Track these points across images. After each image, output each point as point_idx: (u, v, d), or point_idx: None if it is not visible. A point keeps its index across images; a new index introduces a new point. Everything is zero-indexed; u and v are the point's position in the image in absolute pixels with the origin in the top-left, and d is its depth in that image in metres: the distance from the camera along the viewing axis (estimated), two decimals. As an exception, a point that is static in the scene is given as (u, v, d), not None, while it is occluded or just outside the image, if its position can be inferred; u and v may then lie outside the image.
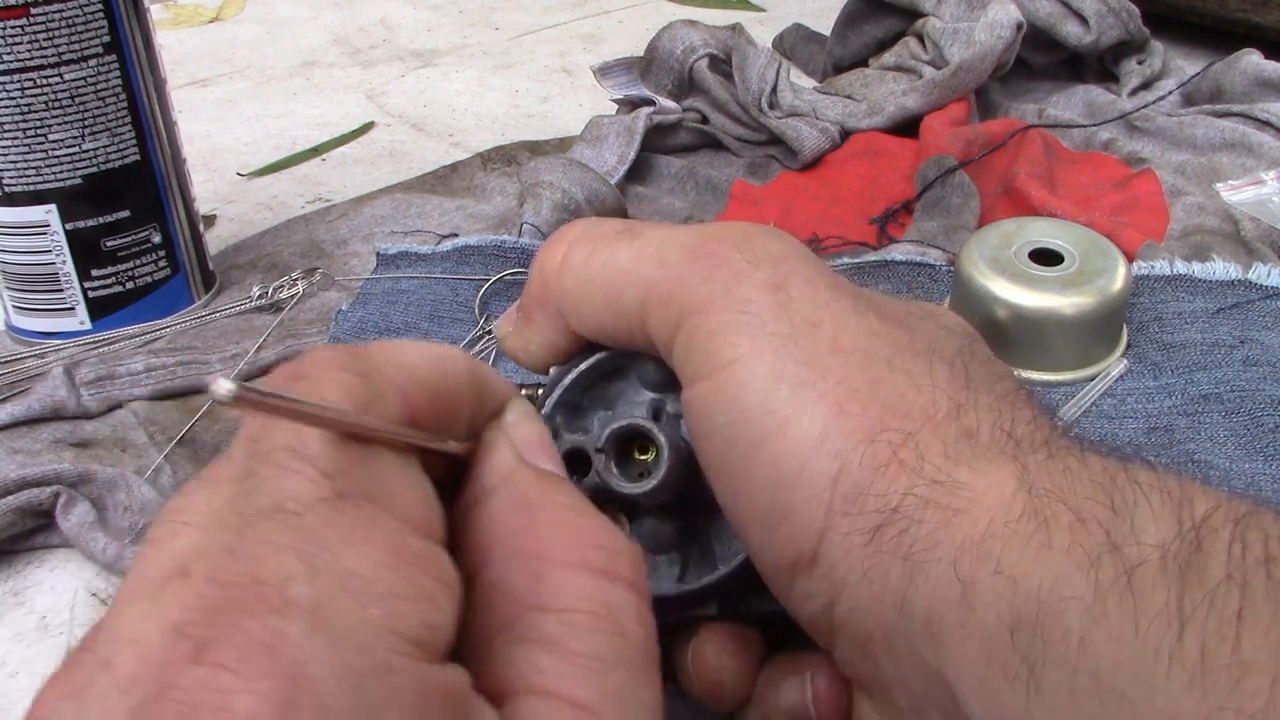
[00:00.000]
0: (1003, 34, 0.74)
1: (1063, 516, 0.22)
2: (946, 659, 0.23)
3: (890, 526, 0.24)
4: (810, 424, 0.25)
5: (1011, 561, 0.22)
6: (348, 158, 0.82)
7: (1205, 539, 0.20)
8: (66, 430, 0.50)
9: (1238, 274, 0.54)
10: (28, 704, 0.18)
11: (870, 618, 0.24)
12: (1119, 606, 0.20)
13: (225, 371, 0.53)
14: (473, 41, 1.06)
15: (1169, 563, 0.20)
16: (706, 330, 0.26)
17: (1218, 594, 0.19)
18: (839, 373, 0.25)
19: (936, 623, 0.23)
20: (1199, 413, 0.47)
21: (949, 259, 0.58)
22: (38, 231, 0.53)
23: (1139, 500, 0.22)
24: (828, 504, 0.24)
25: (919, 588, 0.23)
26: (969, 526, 0.23)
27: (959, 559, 0.23)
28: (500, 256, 0.59)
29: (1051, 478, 0.23)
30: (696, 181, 0.71)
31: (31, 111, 0.51)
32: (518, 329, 0.31)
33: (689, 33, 0.78)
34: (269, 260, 0.64)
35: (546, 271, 0.29)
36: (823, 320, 0.26)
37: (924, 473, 0.24)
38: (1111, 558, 0.21)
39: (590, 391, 0.31)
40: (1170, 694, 0.19)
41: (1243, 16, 0.88)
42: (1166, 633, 0.19)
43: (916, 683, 0.24)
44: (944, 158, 0.66)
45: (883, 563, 0.24)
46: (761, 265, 0.27)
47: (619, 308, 0.28)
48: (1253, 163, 0.67)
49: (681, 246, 0.27)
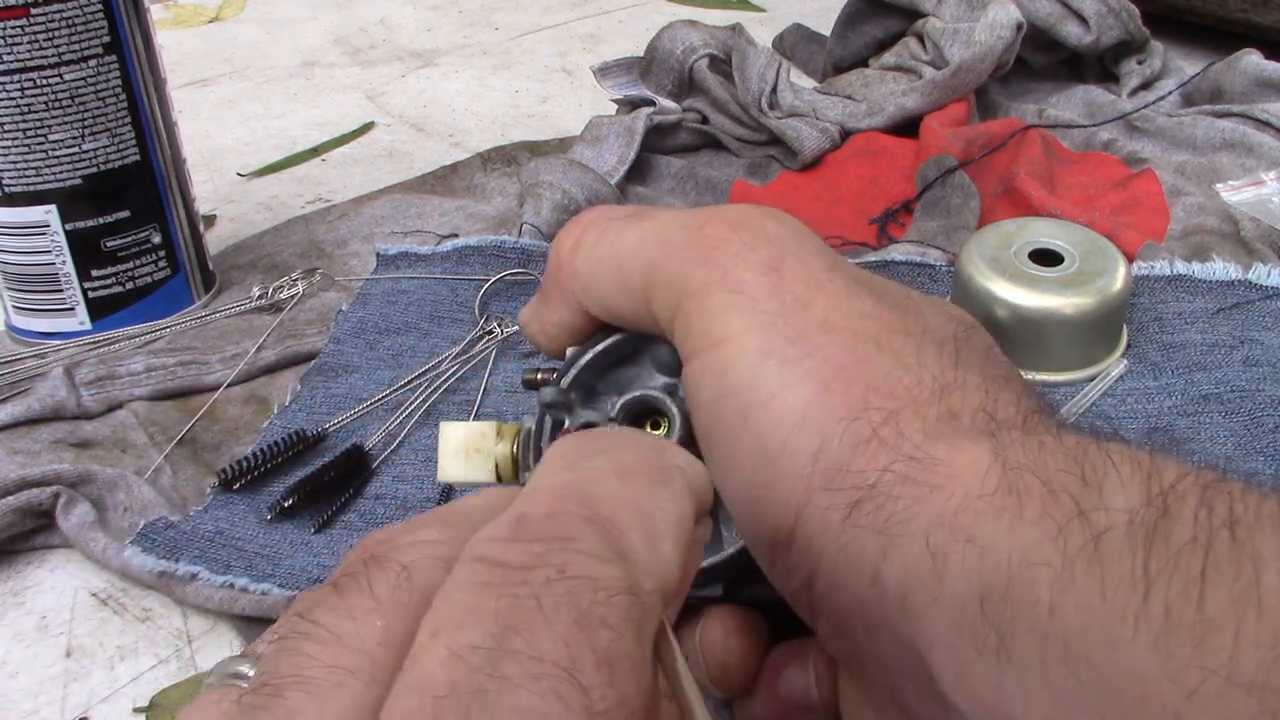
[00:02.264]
0: (1003, 34, 0.74)
1: (1034, 489, 0.22)
2: (919, 632, 0.23)
3: (867, 502, 0.24)
4: (794, 400, 0.25)
5: (983, 533, 0.22)
6: (348, 158, 0.82)
7: (1172, 505, 0.20)
8: (66, 430, 0.50)
9: (1238, 274, 0.54)
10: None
11: (846, 593, 0.25)
12: (1086, 572, 0.20)
13: (225, 372, 0.53)
14: (473, 41, 1.06)
15: (1136, 529, 0.20)
16: (701, 310, 0.27)
17: (1182, 556, 0.19)
18: (826, 350, 0.26)
19: (910, 596, 0.23)
20: (1199, 413, 0.47)
21: (949, 259, 0.58)
22: (38, 231, 0.53)
23: (1109, 471, 0.22)
24: (807, 479, 0.25)
25: (893, 561, 0.23)
26: (943, 501, 0.23)
27: (932, 532, 0.23)
28: (500, 257, 0.59)
29: (1026, 453, 0.23)
30: (696, 182, 0.71)
31: (31, 111, 0.51)
32: (536, 311, 0.32)
33: (689, 33, 0.78)
34: (269, 260, 0.64)
35: (562, 253, 0.31)
36: (814, 300, 0.27)
37: (902, 450, 0.24)
38: (1080, 525, 0.21)
39: (605, 376, 0.32)
40: (1135, 656, 0.19)
41: (1243, 16, 0.88)
42: (1132, 596, 0.19)
43: (891, 658, 0.24)
44: (944, 158, 0.66)
45: (859, 537, 0.24)
46: (758, 247, 0.27)
47: (627, 289, 0.29)
48: (1253, 163, 0.67)
49: (684, 229, 0.28)
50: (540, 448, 0.31)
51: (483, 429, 0.33)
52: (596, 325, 0.31)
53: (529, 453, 0.32)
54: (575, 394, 0.31)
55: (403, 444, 0.48)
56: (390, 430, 0.48)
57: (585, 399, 0.31)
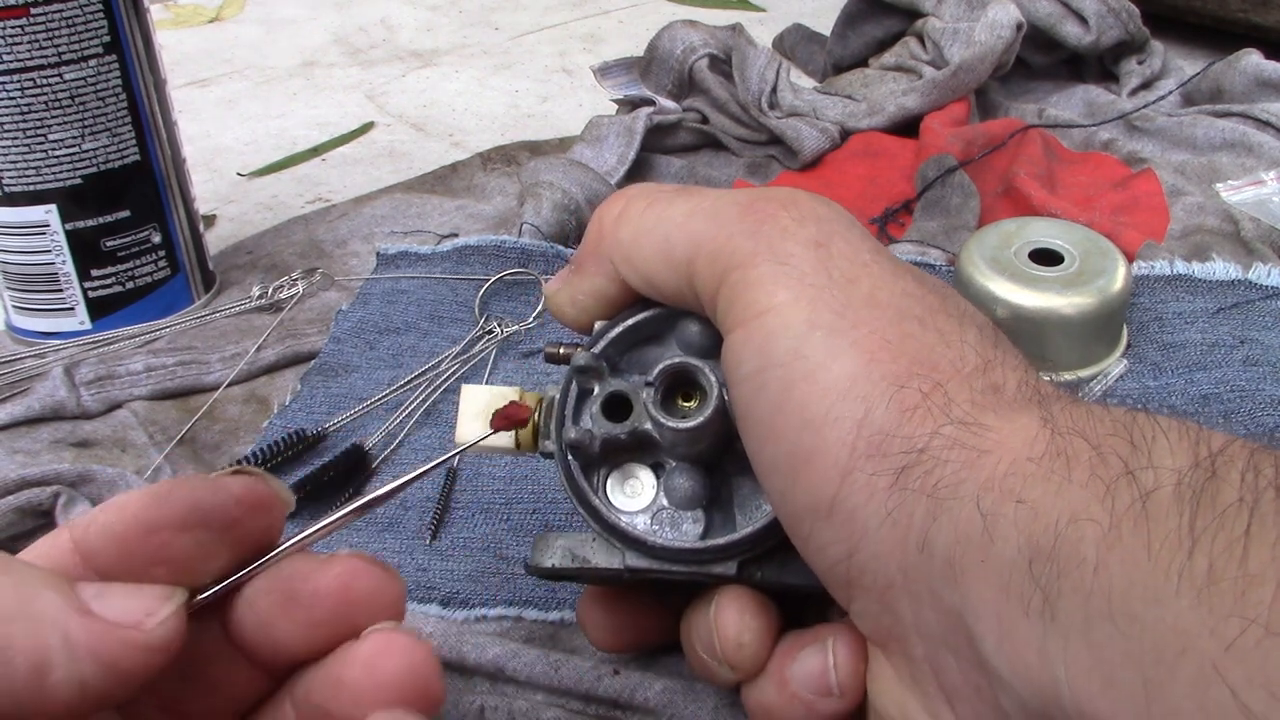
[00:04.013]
0: (1003, 34, 0.74)
1: (1083, 452, 0.22)
2: (966, 596, 0.23)
3: (917, 467, 0.24)
4: (840, 369, 0.26)
5: (1033, 495, 0.22)
6: (348, 158, 0.82)
7: (1220, 467, 0.21)
8: (66, 430, 0.50)
9: (1238, 274, 0.54)
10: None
11: (891, 562, 0.25)
12: (1133, 531, 0.20)
13: (225, 371, 0.53)
14: (473, 41, 1.06)
15: (1183, 489, 0.20)
16: (747, 281, 0.27)
17: (1227, 515, 0.20)
18: (872, 324, 0.26)
19: (958, 560, 0.23)
20: (1199, 413, 0.47)
21: (949, 259, 0.58)
22: (38, 231, 0.53)
23: (1157, 435, 0.22)
24: (850, 447, 0.25)
25: (942, 526, 0.24)
26: (993, 464, 0.23)
27: (982, 495, 0.23)
28: (500, 256, 0.59)
29: (1074, 419, 0.23)
30: (696, 181, 0.71)
31: (31, 111, 0.51)
32: (567, 282, 0.32)
33: (689, 33, 0.78)
34: (269, 260, 0.64)
35: (605, 221, 0.31)
36: (860, 277, 0.27)
37: (952, 414, 0.24)
38: (1128, 485, 0.21)
39: (629, 354, 0.32)
40: (1179, 610, 0.19)
41: (1243, 16, 0.88)
42: (1177, 553, 0.20)
43: (934, 627, 0.24)
44: (944, 158, 0.66)
45: (907, 502, 0.24)
46: (806, 223, 0.28)
47: (669, 259, 0.29)
48: (1253, 163, 0.67)
49: (734, 204, 0.29)
50: (564, 415, 0.31)
51: (506, 393, 0.33)
52: (628, 299, 0.31)
53: (551, 421, 0.32)
54: (604, 363, 0.31)
55: (402, 444, 0.48)
56: (390, 430, 0.48)
57: (610, 374, 0.31)
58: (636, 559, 0.30)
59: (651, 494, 0.31)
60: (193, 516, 0.24)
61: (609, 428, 0.30)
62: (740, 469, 0.31)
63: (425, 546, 0.42)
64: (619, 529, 0.30)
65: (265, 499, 0.25)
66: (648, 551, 0.30)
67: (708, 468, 0.31)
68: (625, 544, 0.30)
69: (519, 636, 0.38)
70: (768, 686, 0.29)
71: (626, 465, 0.31)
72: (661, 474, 0.31)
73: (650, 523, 0.31)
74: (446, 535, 0.43)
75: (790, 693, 0.29)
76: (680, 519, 0.30)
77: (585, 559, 0.31)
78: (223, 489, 0.24)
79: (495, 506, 0.44)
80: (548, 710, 0.34)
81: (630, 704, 0.34)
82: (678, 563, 0.30)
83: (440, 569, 0.41)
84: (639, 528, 0.30)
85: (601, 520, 0.31)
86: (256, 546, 0.25)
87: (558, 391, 0.32)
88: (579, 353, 0.31)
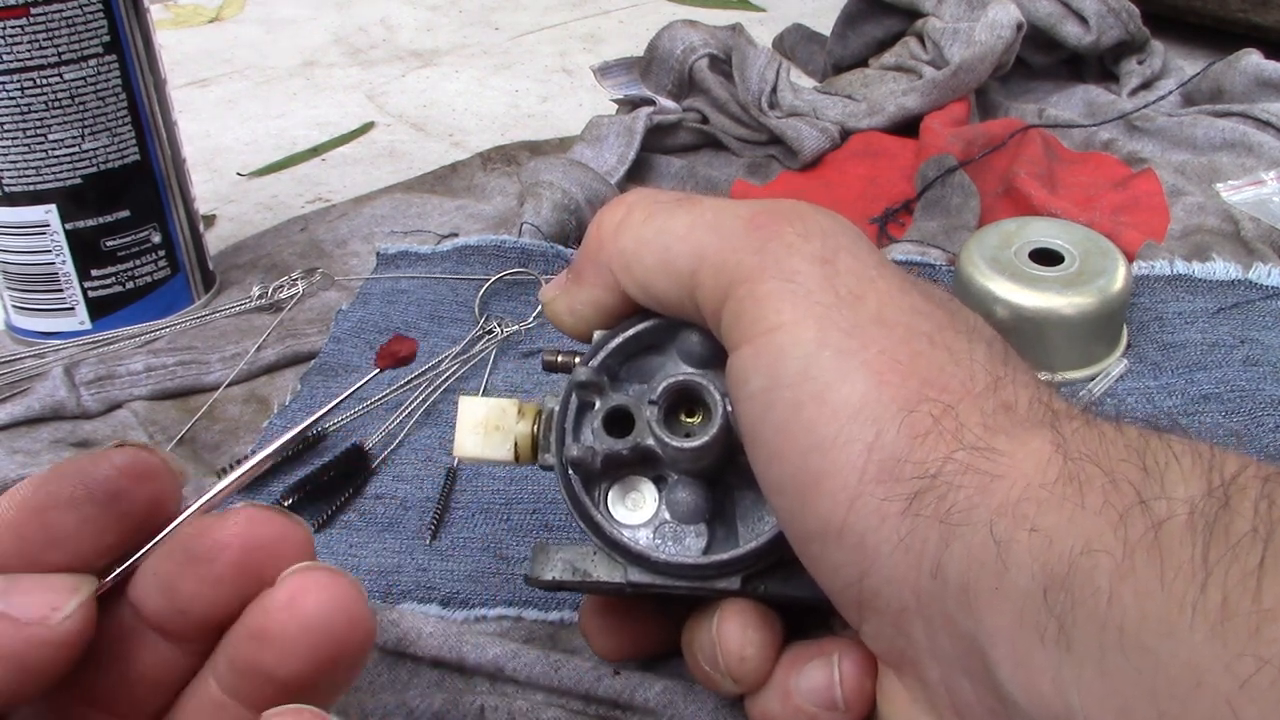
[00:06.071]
0: (1003, 34, 0.74)
1: (1096, 479, 0.22)
2: (980, 623, 0.23)
3: (929, 493, 0.24)
4: (850, 391, 0.25)
5: (1046, 523, 0.22)
6: (348, 158, 0.82)
7: (1233, 497, 0.20)
8: (66, 430, 0.50)
9: (1238, 274, 0.54)
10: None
11: (905, 587, 0.24)
12: (1146, 562, 0.20)
13: (225, 371, 0.53)
14: (473, 41, 1.06)
15: (1196, 519, 0.20)
16: (754, 296, 0.27)
17: (1241, 547, 0.19)
18: (881, 343, 0.26)
19: (972, 586, 0.23)
20: (1199, 413, 0.47)
21: (949, 259, 0.58)
22: (37, 231, 0.53)
23: (1170, 462, 0.22)
24: (860, 470, 0.25)
25: (955, 552, 0.23)
26: (1005, 490, 0.23)
27: (995, 521, 0.23)
28: (500, 256, 0.59)
29: (1087, 443, 0.23)
30: (696, 181, 0.71)
31: (31, 111, 0.51)
32: (565, 290, 0.32)
33: (689, 33, 0.78)
34: (269, 260, 0.64)
35: (605, 229, 0.30)
36: (867, 294, 0.27)
37: (964, 440, 0.24)
38: (1141, 514, 0.21)
39: (629, 363, 0.31)
40: (1193, 645, 0.19)
41: (1243, 16, 0.88)
42: (1190, 585, 0.20)
43: (949, 651, 0.24)
44: (944, 158, 0.66)
45: (920, 528, 0.24)
46: (812, 239, 0.27)
47: (671, 271, 0.29)
48: (1253, 163, 0.67)
49: (737, 218, 0.28)
50: (564, 429, 0.30)
51: (504, 405, 0.32)
52: (627, 309, 0.31)
53: (550, 434, 0.31)
54: (604, 376, 0.30)
55: (402, 444, 0.48)
56: (390, 430, 0.48)
57: (610, 384, 0.31)
58: (639, 574, 0.30)
59: (653, 507, 0.31)
60: (78, 492, 0.23)
61: (611, 443, 0.30)
62: (742, 481, 0.30)
63: (425, 546, 0.42)
64: (621, 544, 0.30)
65: (150, 467, 0.24)
66: (651, 567, 0.30)
67: (710, 480, 0.30)
68: (628, 559, 0.30)
69: (519, 636, 0.38)
70: (772, 699, 0.29)
71: (628, 478, 0.31)
72: (663, 486, 0.31)
73: (653, 537, 0.30)
74: (446, 535, 0.43)
75: (794, 706, 0.29)
76: (683, 533, 0.30)
77: (586, 573, 0.31)
78: (104, 460, 0.24)
79: (495, 507, 0.44)
80: (548, 710, 0.34)
81: (630, 704, 0.34)
82: (681, 578, 0.30)
83: (440, 569, 0.41)
84: (642, 543, 0.30)
85: (604, 535, 0.30)
86: (150, 521, 0.24)
87: (557, 404, 0.31)
88: (579, 368, 0.30)
